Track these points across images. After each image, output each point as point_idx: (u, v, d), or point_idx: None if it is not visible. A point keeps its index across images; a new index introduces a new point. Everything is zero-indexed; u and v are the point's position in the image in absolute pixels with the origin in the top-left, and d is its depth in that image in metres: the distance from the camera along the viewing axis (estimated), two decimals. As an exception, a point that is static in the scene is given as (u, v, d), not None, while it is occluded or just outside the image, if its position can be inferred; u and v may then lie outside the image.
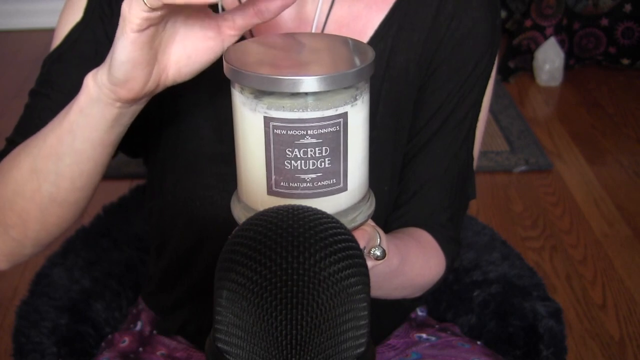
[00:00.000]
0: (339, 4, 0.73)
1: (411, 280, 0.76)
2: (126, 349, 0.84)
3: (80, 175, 0.65)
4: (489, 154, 2.19)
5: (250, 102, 0.50)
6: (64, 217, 0.69)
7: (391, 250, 0.67)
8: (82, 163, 0.64)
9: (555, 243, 1.83)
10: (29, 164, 0.66)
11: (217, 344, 0.42)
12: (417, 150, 0.78)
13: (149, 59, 0.55)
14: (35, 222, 0.68)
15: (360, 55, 0.52)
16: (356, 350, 0.42)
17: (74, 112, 0.61)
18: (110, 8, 0.72)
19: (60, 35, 0.74)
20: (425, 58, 0.75)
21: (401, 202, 0.79)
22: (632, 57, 2.68)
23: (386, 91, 0.74)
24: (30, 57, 2.83)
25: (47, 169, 0.64)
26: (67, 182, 0.65)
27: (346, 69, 0.49)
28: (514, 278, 0.98)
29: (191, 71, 0.58)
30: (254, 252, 0.40)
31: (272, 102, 0.49)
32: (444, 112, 0.76)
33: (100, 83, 0.58)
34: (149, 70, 0.56)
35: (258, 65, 0.50)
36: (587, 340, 1.53)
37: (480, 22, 0.74)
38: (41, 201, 0.66)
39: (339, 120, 0.50)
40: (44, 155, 0.64)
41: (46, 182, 0.65)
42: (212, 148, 0.74)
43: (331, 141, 0.50)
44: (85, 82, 0.59)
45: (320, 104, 0.49)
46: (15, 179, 0.67)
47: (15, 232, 0.70)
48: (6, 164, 0.70)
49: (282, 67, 0.51)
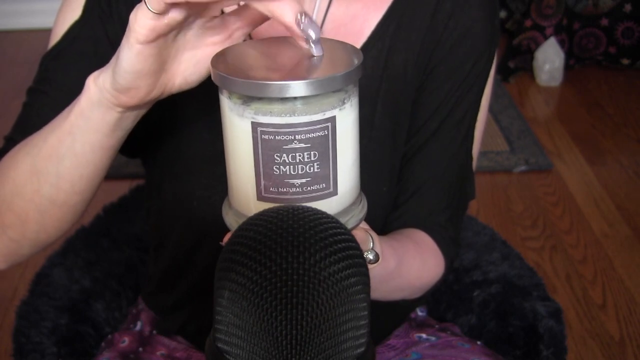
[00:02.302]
0: (337, 4, 0.73)
1: (409, 282, 0.76)
2: (126, 349, 0.84)
3: (80, 178, 0.64)
4: (489, 154, 2.19)
5: (237, 108, 0.50)
6: (63, 219, 0.68)
7: (388, 252, 0.67)
8: (82, 166, 0.63)
9: (555, 243, 1.83)
10: (28, 165, 0.65)
11: (217, 344, 0.42)
12: (415, 151, 0.78)
13: (156, 70, 0.54)
14: (34, 223, 0.68)
15: (349, 59, 0.51)
16: (356, 350, 0.42)
17: (74, 114, 0.60)
18: (109, 7, 0.71)
19: (59, 33, 0.74)
20: (423, 58, 0.74)
21: (400, 203, 0.79)
22: (632, 57, 2.68)
23: (384, 91, 0.74)
24: (30, 57, 2.83)
25: (47, 170, 0.63)
26: (67, 184, 0.64)
27: (334, 73, 0.48)
28: (514, 278, 0.98)
29: (198, 78, 0.57)
30: (254, 252, 0.40)
31: (259, 107, 0.49)
32: (442, 112, 0.76)
33: (102, 87, 0.56)
34: (154, 80, 0.55)
35: (244, 71, 0.50)
36: (587, 340, 1.53)
37: (478, 21, 0.74)
38: (40, 202, 0.66)
39: (327, 125, 0.49)
40: (44, 156, 0.63)
41: (46, 183, 0.64)
42: (209, 148, 0.74)
43: (320, 145, 0.50)
44: (86, 84, 0.58)
45: (308, 108, 0.49)
46: (14, 179, 0.66)
47: (13, 233, 0.69)
48: (4, 163, 0.69)
49: (268, 71, 0.50)
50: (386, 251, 0.67)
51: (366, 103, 0.73)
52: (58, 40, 0.74)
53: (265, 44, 0.55)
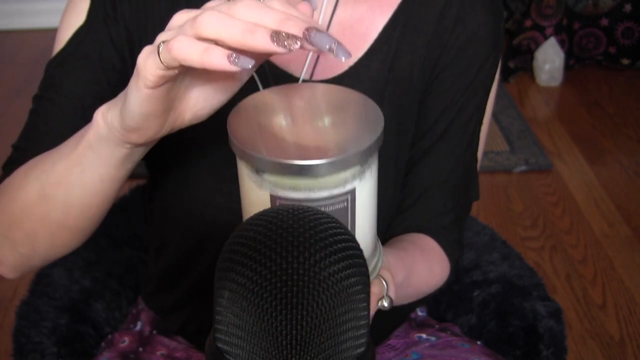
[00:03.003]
0: (342, 7, 0.73)
1: (417, 290, 0.77)
2: (126, 349, 0.84)
3: (89, 206, 0.63)
4: (489, 154, 2.19)
5: (256, 178, 0.49)
6: (72, 240, 0.68)
7: (396, 265, 0.67)
8: (91, 196, 0.62)
9: (555, 243, 1.83)
10: (37, 189, 0.64)
11: (217, 344, 0.42)
12: (421, 154, 0.78)
13: (165, 110, 0.53)
14: (44, 242, 0.67)
15: (370, 124, 0.49)
16: (356, 350, 0.42)
17: (83, 146, 0.59)
18: (114, 11, 0.71)
19: (63, 39, 0.74)
20: (429, 61, 0.74)
21: (406, 206, 0.79)
22: (632, 57, 2.68)
23: (390, 94, 0.74)
24: (30, 57, 2.83)
25: (55, 197, 0.63)
26: (76, 211, 0.64)
27: (354, 147, 0.46)
28: (514, 278, 0.98)
29: (209, 112, 0.56)
30: (254, 252, 0.40)
31: (278, 181, 0.47)
32: (448, 116, 0.76)
33: (110, 124, 0.55)
34: (163, 119, 0.54)
35: (263, 140, 0.47)
36: (587, 340, 1.53)
37: (484, 25, 0.74)
38: (50, 226, 0.65)
39: (346, 197, 0.48)
40: (53, 183, 0.62)
41: (55, 209, 0.64)
42: (214, 151, 0.74)
43: (339, 215, 0.49)
44: (95, 118, 0.57)
45: (328, 183, 0.47)
46: (24, 201, 0.65)
47: (23, 249, 0.69)
48: (14, 181, 0.68)
49: (288, 143, 0.48)
50: (394, 264, 0.67)
51: None
52: (63, 46, 0.73)
53: (283, 95, 0.53)
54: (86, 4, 0.72)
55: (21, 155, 0.72)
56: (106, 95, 0.73)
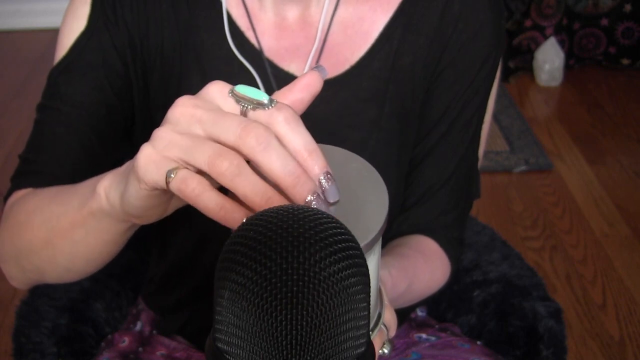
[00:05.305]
0: (344, 6, 0.73)
1: (419, 295, 0.78)
2: (126, 349, 0.84)
3: (95, 259, 0.64)
4: (489, 154, 2.19)
5: None
6: (81, 275, 0.69)
7: (399, 277, 0.68)
8: (96, 252, 0.62)
9: (555, 243, 1.83)
10: (44, 235, 0.64)
11: (217, 344, 0.42)
12: (424, 154, 0.78)
13: (167, 199, 0.51)
14: (52, 275, 0.68)
15: (373, 209, 0.48)
16: (356, 350, 0.41)
17: (86, 211, 0.57)
18: (114, 14, 0.71)
19: (65, 45, 0.73)
20: (431, 60, 0.74)
21: (408, 205, 0.79)
22: (632, 57, 2.68)
23: (392, 93, 0.74)
24: (30, 57, 2.83)
25: (61, 247, 0.63)
26: (81, 261, 0.64)
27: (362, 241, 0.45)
28: (514, 278, 0.98)
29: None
30: (254, 252, 0.39)
31: None
32: (450, 115, 0.76)
33: (112, 204, 0.54)
34: (165, 207, 0.53)
35: None
36: (587, 340, 1.53)
37: (486, 24, 0.74)
38: (57, 268, 0.66)
39: None
40: (59, 233, 0.62)
41: (61, 256, 0.64)
42: None
43: None
44: (97, 191, 0.55)
45: None
46: (30, 241, 0.65)
47: (33, 276, 0.70)
48: (21, 210, 0.68)
49: None
50: (396, 275, 0.68)
51: (373, 105, 0.74)
52: (65, 54, 0.73)
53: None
54: (87, 9, 0.72)
55: (29, 167, 0.72)
56: (110, 101, 0.73)
